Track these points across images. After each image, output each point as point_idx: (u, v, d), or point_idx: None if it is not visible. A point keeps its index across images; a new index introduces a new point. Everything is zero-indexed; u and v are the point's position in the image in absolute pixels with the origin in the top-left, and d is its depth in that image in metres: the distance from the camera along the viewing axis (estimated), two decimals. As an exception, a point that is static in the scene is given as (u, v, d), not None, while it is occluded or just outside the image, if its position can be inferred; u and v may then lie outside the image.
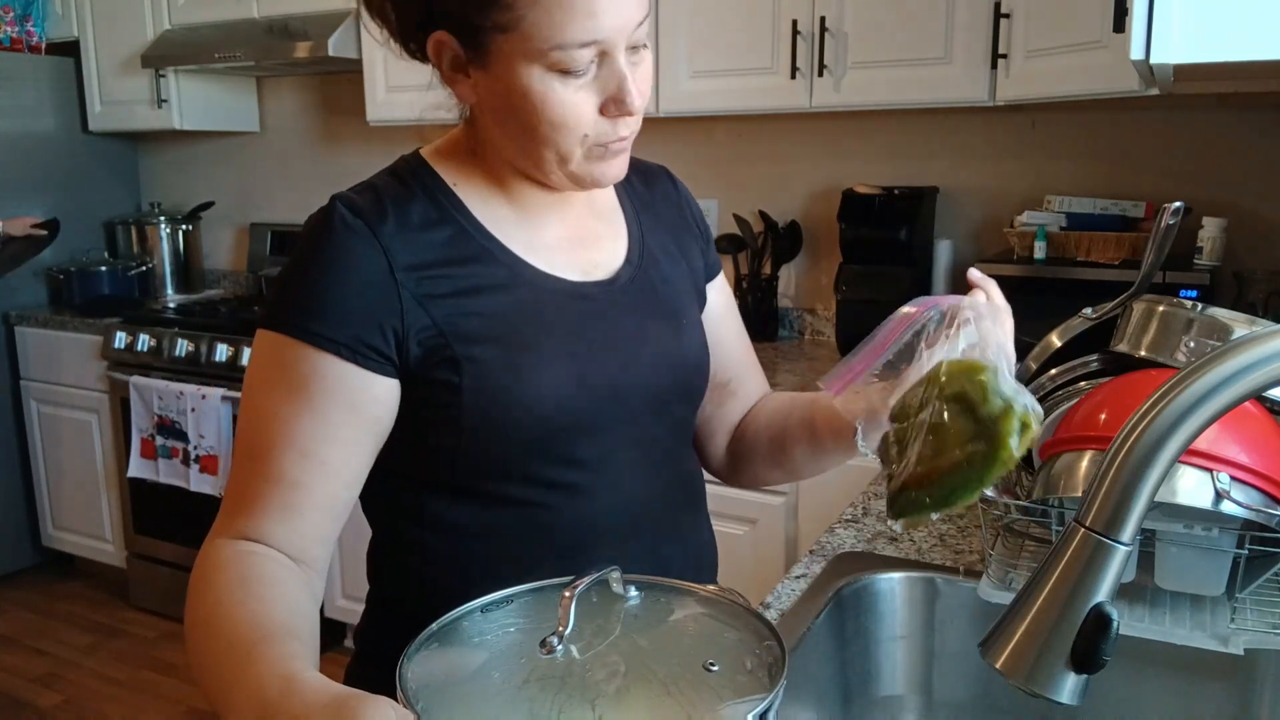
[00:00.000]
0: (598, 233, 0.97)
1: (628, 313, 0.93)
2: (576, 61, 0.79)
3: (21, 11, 3.59)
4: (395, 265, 0.83)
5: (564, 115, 0.81)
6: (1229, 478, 0.91)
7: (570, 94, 0.80)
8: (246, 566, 0.78)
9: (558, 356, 0.87)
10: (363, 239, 0.83)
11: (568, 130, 0.81)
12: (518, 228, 0.90)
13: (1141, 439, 0.56)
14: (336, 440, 0.82)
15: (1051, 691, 0.59)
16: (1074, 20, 1.89)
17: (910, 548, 1.23)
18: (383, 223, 0.84)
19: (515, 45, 0.79)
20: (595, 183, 0.87)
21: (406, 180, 0.89)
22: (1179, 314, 1.03)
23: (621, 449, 0.92)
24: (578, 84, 0.80)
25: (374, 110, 2.99)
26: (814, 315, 2.81)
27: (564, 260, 0.92)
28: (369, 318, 0.82)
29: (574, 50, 0.78)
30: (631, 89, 0.81)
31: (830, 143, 2.72)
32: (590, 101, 0.81)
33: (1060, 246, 2.22)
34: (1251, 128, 2.25)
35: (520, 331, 0.86)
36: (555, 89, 0.80)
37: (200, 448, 2.94)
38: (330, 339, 0.81)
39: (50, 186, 3.61)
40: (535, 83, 0.80)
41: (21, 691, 2.87)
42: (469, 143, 0.92)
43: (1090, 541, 0.58)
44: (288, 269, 0.85)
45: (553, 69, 0.79)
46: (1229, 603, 1.00)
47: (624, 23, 0.79)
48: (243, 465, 0.83)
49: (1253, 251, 2.25)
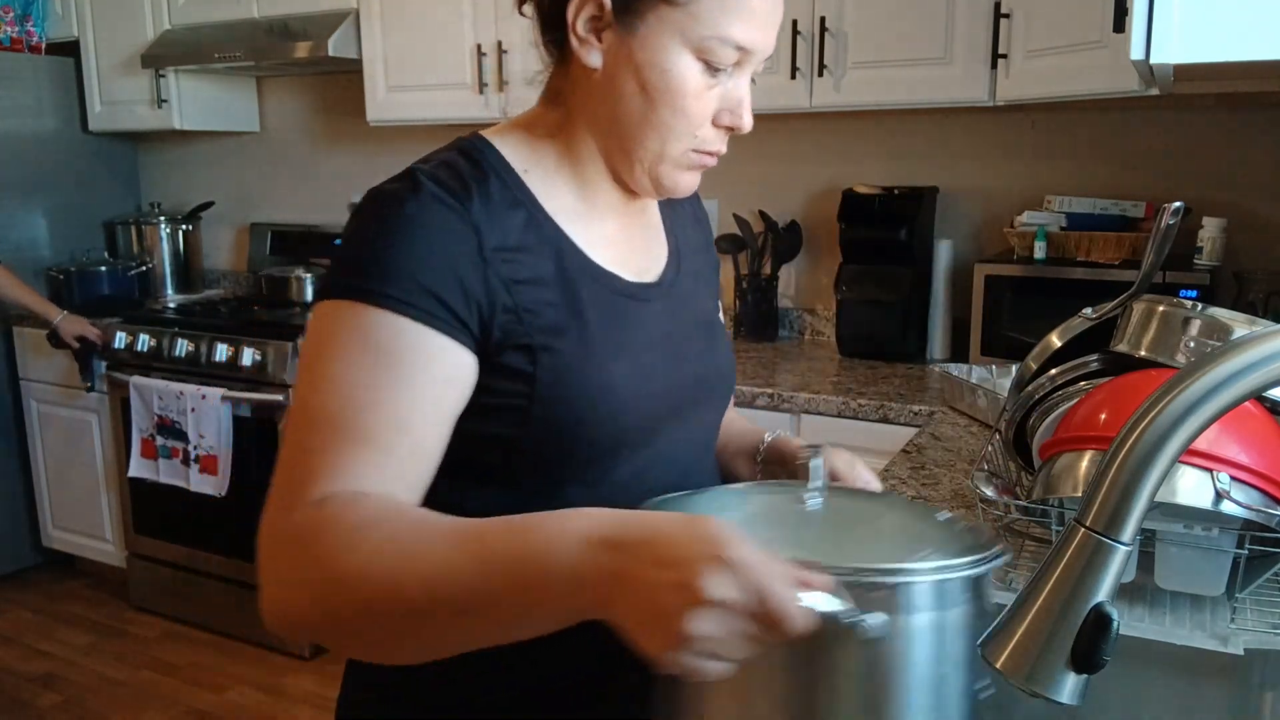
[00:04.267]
0: (646, 238, 0.97)
1: (673, 317, 0.94)
2: (723, 58, 0.80)
3: (21, 11, 3.59)
4: (484, 244, 0.80)
5: (691, 106, 0.81)
6: (1229, 478, 0.91)
7: (703, 87, 0.81)
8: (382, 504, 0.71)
9: (623, 354, 0.86)
10: (455, 213, 0.79)
11: (686, 122, 0.82)
12: (581, 221, 0.88)
13: (1141, 439, 0.56)
14: (428, 415, 0.77)
15: (1051, 691, 0.59)
16: (1074, 20, 1.89)
17: (910, 548, 1.23)
18: (469, 199, 0.80)
19: (676, 21, 0.78)
20: (671, 190, 0.88)
21: (477, 161, 0.84)
22: (1179, 314, 1.03)
23: (666, 450, 0.92)
24: (711, 81, 0.81)
25: (374, 110, 2.99)
26: (814, 315, 2.81)
27: (618, 259, 0.90)
28: (462, 293, 0.78)
29: (728, 47, 0.79)
30: (749, 108, 0.84)
31: (830, 143, 2.72)
32: (713, 105, 0.82)
33: (1060, 246, 2.22)
34: (1251, 128, 2.25)
35: (591, 325, 0.84)
36: (695, 76, 0.80)
37: (200, 448, 2.94)
38: (427, 311, 0.76)
39: (50, 186, 3.61)
40: (679, 64, 0.80)
41: (21, 691, 2.87)
42: (548, 124, 0.89)
43: (1090, 541, 0.58)
44: (366, 238, 0.79)
45: (700, 56, 0.80)
46: (1229, 603, 1.00)
47: (767, 47, 0.82)
48: (318, 432, 0.74)
49: (1253, 251, 2.24)
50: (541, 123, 0.89)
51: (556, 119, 0.88)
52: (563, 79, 0.88)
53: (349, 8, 2.95)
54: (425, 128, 3.30)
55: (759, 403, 2.18)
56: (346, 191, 3.55)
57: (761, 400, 2.18)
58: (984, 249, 2.54)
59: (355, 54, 2.96)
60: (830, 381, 2.26)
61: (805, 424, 2.14)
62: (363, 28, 2.95)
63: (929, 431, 1.83)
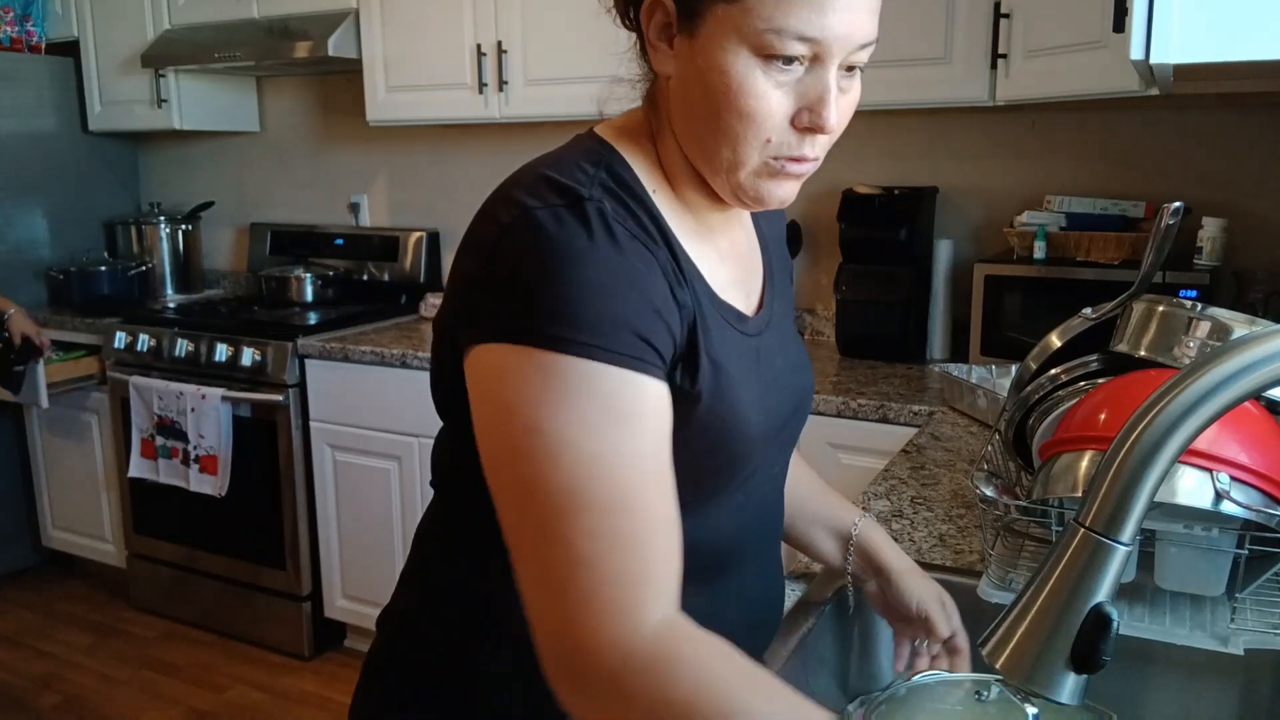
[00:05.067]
0: (750, 261, 0.92)
1: (779, 348, 0.91)
2: (787, 52, 0.73)
3: (21, 11, 3.59)
4: (670, 281, 0.76)
5: (754, 108, 0.74)
6: (1229, 478, 0.91)
7: (768, 86, 0.74)
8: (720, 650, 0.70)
9: (749, 386, 0.84)
10: (645, 248, 0.75)
11: (754, 126, 0.75)
12: (701, 244, 0.83)
13: (1141, 439, 0.56)
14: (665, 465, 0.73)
15: (1051, 691, 0.59)
16: (1074, 20, 1.89)
17: (910, 548, 1.23)
18: (648, 231, 0.76)
19: (731, 19, 0.73)
20: (760, 200, 0.80)
21: (624, 179, 0.79)
22: (1179, 314, 1.03)
23: (763, 478, 0.91)
24: (779, 79, 0.74)
25: (374, 110, 2.99)
26: (814, 315, 2.81)
27: (731, 284, 0.86)
28: (667, 333, 0.74)
29: (790, 40, 0.72)
30: (832, 105, 0.75)
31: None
32: (785, 104, 0.75)
33: (1060, 246, 2.22)
34: (1251, 128, 2.25)
35: (727, 357, 0.81)
36: (755, 76, 0.73)
37: (200, 448, 2.94)
38: (640, 358, 0.71)
39: (50, 186, 3.61)
40: (738, 64, 0.74)
41: (21, 691, 2.87)
42: (648, 126, 0.85)
43: (1090, 541, 0.58)
44: (558, 277, 0.70)
45: (760, 53, 0.73)
46: (1229, 603, 1.00)
47: (849, 32, 0.74)
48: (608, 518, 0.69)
49: (1253, 251, 2.24)
50: (644, 124, 0.84)
51: (653, 120, 0.84)
52: (655, 84, 0.85)
53: (349, 8, 2.95)
54: (425, 127, 3.30)
55: (759, 403, 2.17)
56: (346, 191, 3.55)
57: (761, 400, 2.17)
58: (984, 249, 2.54)
59: (355, 54, 2.96)
60: (830, 381, 2.26)
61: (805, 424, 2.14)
62: (363, 28, 2.95)
63: (929, 431, 1.83)
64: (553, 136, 1.08)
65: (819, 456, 2.13)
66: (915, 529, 1.30)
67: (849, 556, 1.05)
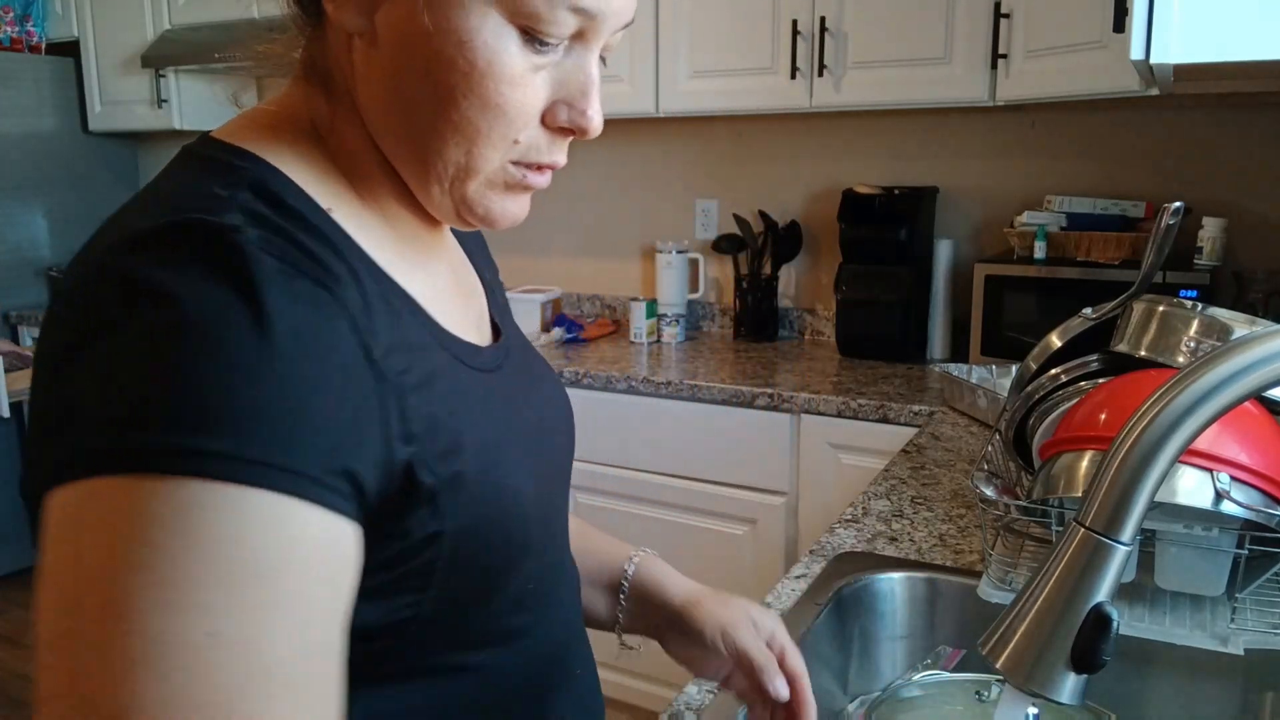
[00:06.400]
0: (468, 274, 0.71)
1: (527, 380, 0.70)
2: (553, 24, 0.53)
3: (21, 11, 3.59)
4: (369, 345, 0.51)
5: (507, 97, 0.54)
6: (1229, 478, 0.91)
7: (526, 69, 0.54)
8: None
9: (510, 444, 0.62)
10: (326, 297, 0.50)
11: (503, 121, 0.54)
12: (412, 270, 0.60)
13: (1141, 439, 0.56)
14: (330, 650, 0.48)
15: (1051, 691, 0.59)
16: (1074, 20, 1.89)
17: (910, 548, 1.23)
18: (328, 272, 0.51)
19: None
20: (488, 220, 0.59)
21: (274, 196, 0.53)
22: (1179, 314, 1.03)
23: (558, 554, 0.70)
24: (538, 60, 0.55)
25: (374, 110, 2.99)
26: (814, 315, 2.81)
27: (458, 314, 0.64)
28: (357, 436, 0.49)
29: (561, 10, 0.53)
30: (595, 97, 0.57)
31: (830, 143, 2.72)
32: (540, 94, 0.56)
33: (1060, 246, 2.22)
34: (1251, 128, 2.25)
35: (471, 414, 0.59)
36: (510, 53, 0.53)
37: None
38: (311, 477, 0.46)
39: (50, 186, 3.61)
40: (485, 33, 0.53)
41: (21, 691, 2.87)
42: (310, 114, 0.60)
43: (1090, 541, 0.58)
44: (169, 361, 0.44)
45: (519, 22, 0.53)
46: (1229, 603, 1.00)
47: (624, 6, 0.57)
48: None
49: (1253, 251, 2.25)
50: (304, 120, 0.60)
51: (322, 111, 0.60)
52: (319, 49, 0.61)
53: (349, 8, 2.95)
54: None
55: (759, 403, 2.18)
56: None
57: (761, 400, 2.18)
58: (984, 249, 2.54)
59: (355, 54, 2.96)
60: (830, 381, 2.26)
61: (805, 424, 2.14)
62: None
63: (929, 431, 1.83)
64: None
65: (819, 456, 2.14)
66: (915, 529, 1.30)
67: (621, 602, 0.80)
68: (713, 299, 2.94)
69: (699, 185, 2.91)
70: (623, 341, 2.77)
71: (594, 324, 2.90)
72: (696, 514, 2.29)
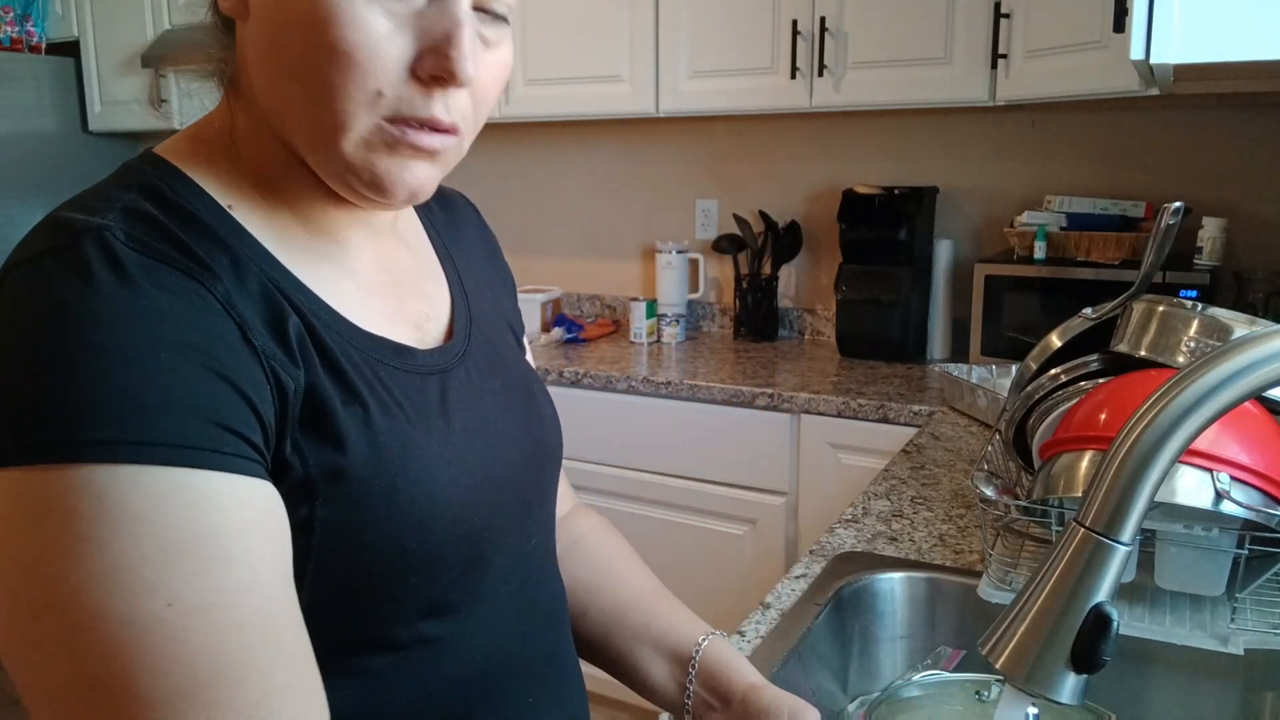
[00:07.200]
0: (416, 271, 0.70)
1: (483, 381, 0.69)
2: None
3: (21, 11, 3.59)
4: (246, 328, 0.53)
5: (351, 40, 0.53)
6: (1229, 478, 0.91)
7: (370, 13, 0.54)
8: None
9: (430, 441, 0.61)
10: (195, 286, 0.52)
11: (354, 68, 0.54)
12: (322, 263, 0.61)
13: (1141, 439, 0.56)
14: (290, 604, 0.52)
15: (1051, 691, 0.59)
16: (1074, 20, 1.89)
17: (910, 548, 1.23)
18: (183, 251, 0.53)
19: None
20: (379, 186, 0.58)
21: (163, 197, 0.56)
22: (1179, 314, 1.03)
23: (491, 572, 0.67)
24: (390, 6, 0.54)
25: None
26: (814, 315, 2.81)
27: (387, 311, 0.65)
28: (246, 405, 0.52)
29: None
30: (465, 44, 0.55)
31: (830, 143, 2.72)
32: (400, 44, 0.55)
33: (1060, 246, 2.22)
34: (1251, 128, 2.25)
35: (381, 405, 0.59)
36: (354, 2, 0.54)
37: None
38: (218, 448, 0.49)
39: (50, 186, 3.61)
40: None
41: (21, 691, 2.87)
42: (228, 122, 0.63)
43: (1090, 541, 0.58)
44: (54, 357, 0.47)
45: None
46: (1229, 603, 1.00)
47: None
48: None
49: (1253, 251, 2.25)
50: (221, 122, 0.63)
51: (238, 116, 0.62)
52: (231, 56, 0.63)
53: (349, 8, 2.95)
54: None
55: (759, 403, 2.18)
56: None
57: (761, 400, 2.18)
58: (984, 249, 2.55)
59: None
60: (830, 381, 2.26)
61: (805, 424, 2.14)
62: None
63: (929, 431, 1.83)
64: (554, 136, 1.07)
65: (819, 456, 2.14)
66: (915, 529, 1.30)
67: (689, 686, 0.77)
68: (713, 299, 2.94)
69: (699, 185, 2.91)
70: (623, 341, 2.77)
71: (594, 324, 2.90)
72: (696, 514, 2.29)
